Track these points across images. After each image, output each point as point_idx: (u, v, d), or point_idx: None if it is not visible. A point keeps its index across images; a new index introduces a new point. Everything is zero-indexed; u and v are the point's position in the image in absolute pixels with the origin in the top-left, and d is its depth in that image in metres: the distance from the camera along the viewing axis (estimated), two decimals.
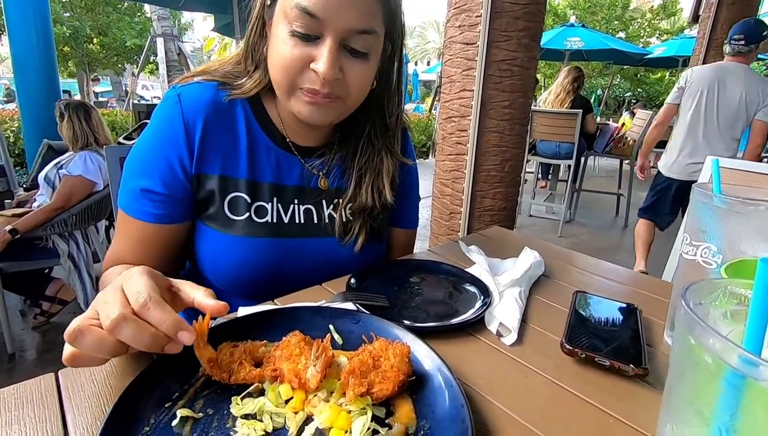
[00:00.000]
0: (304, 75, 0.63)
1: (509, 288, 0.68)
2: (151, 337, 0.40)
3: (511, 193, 2.42)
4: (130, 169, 0.70)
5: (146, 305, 0.40)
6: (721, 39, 4.76)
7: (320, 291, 0.69)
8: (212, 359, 0.44)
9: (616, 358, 0.51)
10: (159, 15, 9.52)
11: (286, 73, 0.63)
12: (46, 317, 2.26)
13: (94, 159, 2.09)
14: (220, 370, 0.44)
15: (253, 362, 0.46)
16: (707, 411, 0.21)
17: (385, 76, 0.77)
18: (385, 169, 0.81)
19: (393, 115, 0.80)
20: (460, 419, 0.39)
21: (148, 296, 0.41)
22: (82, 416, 0.41)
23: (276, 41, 0.64)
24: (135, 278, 0.43)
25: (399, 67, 0.78)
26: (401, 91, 0.81)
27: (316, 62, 0.61)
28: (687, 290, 0.24)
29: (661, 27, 16.38)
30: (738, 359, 0.19)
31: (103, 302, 0.41)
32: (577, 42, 8.35)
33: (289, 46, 0.62)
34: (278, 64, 0.64)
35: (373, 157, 0.80)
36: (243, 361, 0.45)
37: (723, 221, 0.50)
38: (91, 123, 2.14)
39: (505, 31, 2.07)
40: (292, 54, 0.62)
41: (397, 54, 0.76)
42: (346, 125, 0.82)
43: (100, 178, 2.10)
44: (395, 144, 0.83)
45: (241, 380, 0.44)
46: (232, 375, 0.44)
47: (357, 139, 0.81)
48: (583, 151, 4.24)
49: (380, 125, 0.80)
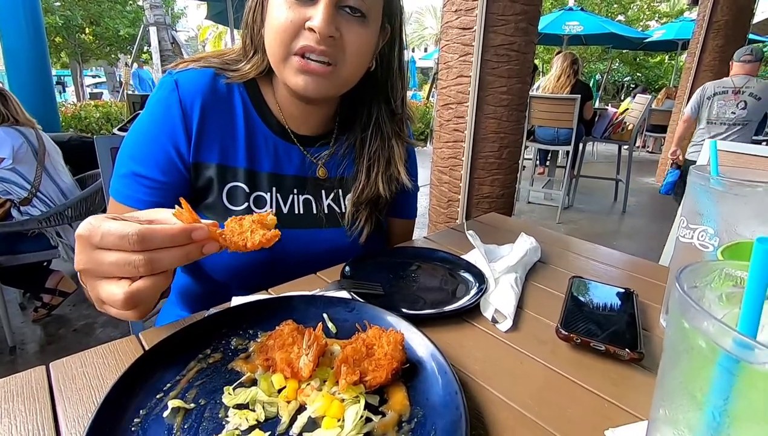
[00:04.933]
0: (300, 36, 0.63)
1: (505, 274, 0.67)
2: (176, 255, 0.41)
3: (510, 179, 2.41)
4: (124, 155, 0.69)
5: (141, 239, 0.39)
6: (722, 21, 4.73)
7: (315, 280, 0.69)
8: (219, 233, 0.44)
9: (612, 342, 0.50)
10: (151, 3, 9.37)
11: (282, 37, 0.63)
12: (48, 309, 2.26)
13: (4, 132, 2.03)
14: (233, 240, 0.43)
15: (265, 229, 0.46)
16: (700, 395, 0.21)
17: (386, 59, 0.76)
18: (396, 155, 0.81)
19: (398, 100, 0.80)
20: (454, 406, 0.38)
21: (135, 233, 0.39)
22: (73, 408, 0.40)
23: (272, 10, 0.64)
24: (106, 231, 0.40)
25: (400, 51, 0.77)
26: (404, 75, 0.80)
27: (312, 20, 0.61)
28: (681, 273, 0.23)
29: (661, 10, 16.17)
30: (732, 343, 0.18)
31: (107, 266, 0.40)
32: (575, 26, 8.26)
33: (284, 9, 0.62)
34: (274, 29, 0.63)
35: (383, 145, 0.80)
36: (254, 229, 0.45)
37: (720, 204, 0.50)
38: (8, 106, 2.10)
39: (503, 15, 2.04)
40: (288, 16, 0.62)
41: (397, 37, 0.75)
42: (346, 113, 0.81)
43: (7, 154, 2.01)
44: (403, 128, 0.82)
45: (258, 245, 0.43)
46: (248, 241, 0.43)
47: (364, 127, 0.80)
48: (581, 137, 4.22)
49: (387, 111, 0.80)
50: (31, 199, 2.07)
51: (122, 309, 0.41)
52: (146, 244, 0.40)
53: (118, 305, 0.41)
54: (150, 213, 0.45)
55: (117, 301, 0.40)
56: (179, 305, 0.83)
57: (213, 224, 0.45)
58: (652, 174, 6.12)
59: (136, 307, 0.42)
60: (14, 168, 2.02)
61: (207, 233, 0.43)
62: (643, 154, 8.28)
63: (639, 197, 5.07)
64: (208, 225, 0.44)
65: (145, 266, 0.40)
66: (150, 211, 0.46)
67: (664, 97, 7.64)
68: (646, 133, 7.98)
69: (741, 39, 4.97)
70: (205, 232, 0.43)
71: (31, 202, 2.07)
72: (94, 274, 0.42)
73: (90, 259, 0.41)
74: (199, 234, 0.42)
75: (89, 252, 0.41)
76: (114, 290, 0.40)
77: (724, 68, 4.96)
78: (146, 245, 0.40)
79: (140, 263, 0.40)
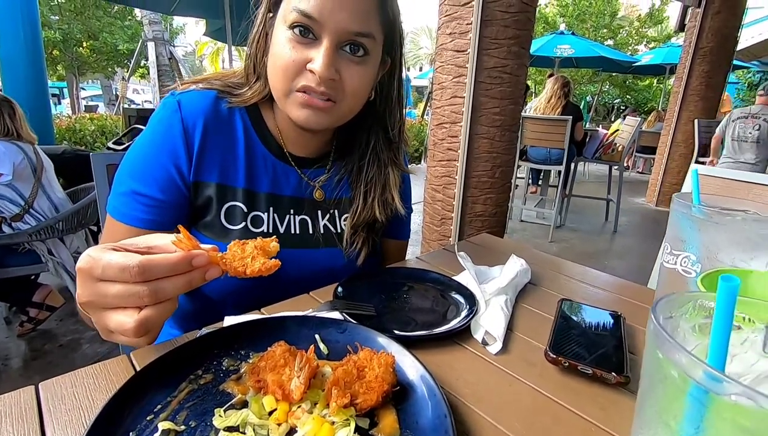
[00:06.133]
0: (301, 76, 0.64)
1: (495, 296, 0.68)
2: (179, 283, 0.42)
3: (502, 198, 2.44)
4: (123, 174, 0.69)
5: (143, 271, 0.40)
6: (707, 48, 4.90)
7: (307, 300, 0.69)
8: (219, 257, 0.44)
9: (599, 366, 0.51)
10: (150, 19, 9.46)
11: (284, 74, 0.65)
12: (34, 323, 2.22)
13: (5, 147, 2.02)
14: (233, 265, 0.44)
15: (266, 256, 0.46)
16: (674, 424, 0.21)
17: (385, 90, 0.78)
18: (392, 182, 0.82)
19: (395, 128, 0.82)
20: (443, 430, 0.39)
21: (136, 265, 0.40)
22: (62, 430, 0.40)
23: (275, 46, 0.66)
24: (106, 264, 0.40)
25: (399, 81, 0.79)
26: (402, 104, 0.82)
27: (312, 62, 0.63)
28: (657, 304, 0.25)
29: (649, 35, 16.67)
30: (702, 374, 0.20)
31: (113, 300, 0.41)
32: (567, 49, 8.47)
33: (287, 48, 0.64)
34: (277, 66, 0.65)
35: (380, 172, 0.82)
36: (255, 255, 0.45)
37: (701, 231, 0.51)
38: (15, 120, 2.11)
39: (496, 38, 2.10)
40: (291, 56, 0.63)
41: (396, 69, 0.77)
42: (344, 138, 0.82)
43: (8, 170, 2.01)
44: (399, 156, 0.84)
45: (257, 273, 0.44)
46: (247, 268, 0.44)
47: (362, 155, 0.82)
48: (573, 157, 4.29)
49: (384, 139, 0.82)
50: (23, 215, 2.05)
51: (133, 337, 0.41)
52: (148, 275, 0.40)
53: (130, 334, 0.41)
54: (149, 239, 0.46)
55: (128, 330, 0.41)
56: (171, 323, 0.83)
57: (213, 249, 0.45)
58: (642, 194, 6.21)
59: (147, 333, 0.42)
60: (11, 184, 2.01)
61: (207, 260, 0.43)
62: (633, 175, 8.41)
63: (630, 217, 5.14)
64: (207, 250, 0.44)
65: (149, 297, 0.41)
66: (149, 238, 0.46)
67: (655, 120, 7.83)
68: (636, 154, 8.12)
69: (726, 65, 5.13)
70: (205, 258, 0.43)
71: (23, 219, 2.05)
72: (99, 306, 0.42)
73: (93, 292, 0.41)
74: (199, 261, 0.43)
75: (92, 285, 0.41)
76: (124, 320, 0.41)
77: (710, 92, 5.11)
78: (148, 275, 0.40)
79: (145, 293, 0.40)
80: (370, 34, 0.65)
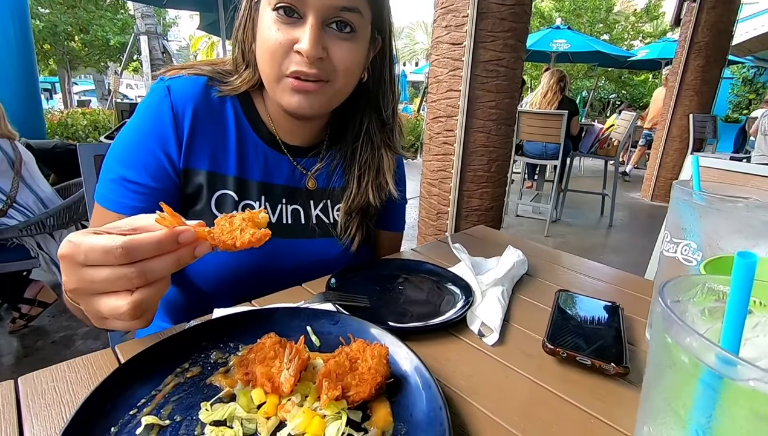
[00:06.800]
0: (290, 59, 0.63)
1: (492, 287, 0.67)
2: (167, 262, 0.40)
3: (498, 193, 2.43)
4: (111, 160, 0.67)
5: (127, 252, 0.38)
6: (702, 43, 4.90)
7: (300, 291, 0.67)
8: (207, 232, 0.43)
9: (597, 357, 0.50)
10: (143, 12, 9.35)
11: (272, 58, 0.63)
12: (26, 320, 2.18)
13: None
14: (222, 239, 0.42)
15: (256, 227, 0.44)
16: (684, 412, 0.20)
17: (377, 71, 0.76)
18: (385, 165, 0.81)
19: (388, 110, 0.80)
20: (438, 423, 0.38)
21: (119, 246, 0.38)
22: (40, 425, 0.38)
23: (262, 30, 0.64)
24: (89, 247, 0.38)
25: (390, 61, 0.78)
26: (395, 85, 0.80)
27: (299, 42, 0.61)
28: (664, 287, 0.23)
29: (644, 30, 16.66)
30: (715, 359, 0.18)
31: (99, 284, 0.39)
32: (563, 44, 8.45)
33: (273, 30, 0.62)
34: (265, 50, 0.63)
35: (374, 154, 0.80)
36: (244, 227, 0.43)
37: (702, 218, 0.50)
38: None
39: (492, 31, 2.08)
40: (277, 38, 0.62)
41: (387, 48, 0.76)
42: (337, 124, 0.80)
43: None
44: (393, 138, 0.83)
45: (247, 244, 0.42)
46: (237, 240, 0.42)
47: (355, 137, 0.80)
48: (568, 152, 4.28)
49: (377, 121, 0.80)
50: (7, 210, 2.01)
51: (129, 320, 0.40)
52: (133, 255, 0.38)
53: (125, 317, 0.39)
54: (132, 221, 0.44)
55: (123, 314, 0.39)
56: (161, 315, 0.81)
57: (199, 224, 0.43)
58: (637, 189, 6.23)
59: (143, 315, 0.41)
60: None
61: (194, 235, 0.42)
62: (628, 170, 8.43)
63: (625, 212, 5.15)
64: (194, 226, 0.42)
65: (138, 278, 0.39)
66: (131, 219, 0.44)
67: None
68: (631, 149, 8.14)
69: (721, 60, 5.13)
70: (192, 234, 0.41)
71: (7, 214, 2.01)
72: (87, 292, 0.40)
73: (79, 278, 0.39)
74: (185, 236, 0.41)
75: (77, 271, 0.39)
76: (117, 304, 0.39)
77: (704, 87, 5.11)
78: (133, 256, 0.38)
79: (133, 275, 0.38)
80: (355, 8, 0.63)
